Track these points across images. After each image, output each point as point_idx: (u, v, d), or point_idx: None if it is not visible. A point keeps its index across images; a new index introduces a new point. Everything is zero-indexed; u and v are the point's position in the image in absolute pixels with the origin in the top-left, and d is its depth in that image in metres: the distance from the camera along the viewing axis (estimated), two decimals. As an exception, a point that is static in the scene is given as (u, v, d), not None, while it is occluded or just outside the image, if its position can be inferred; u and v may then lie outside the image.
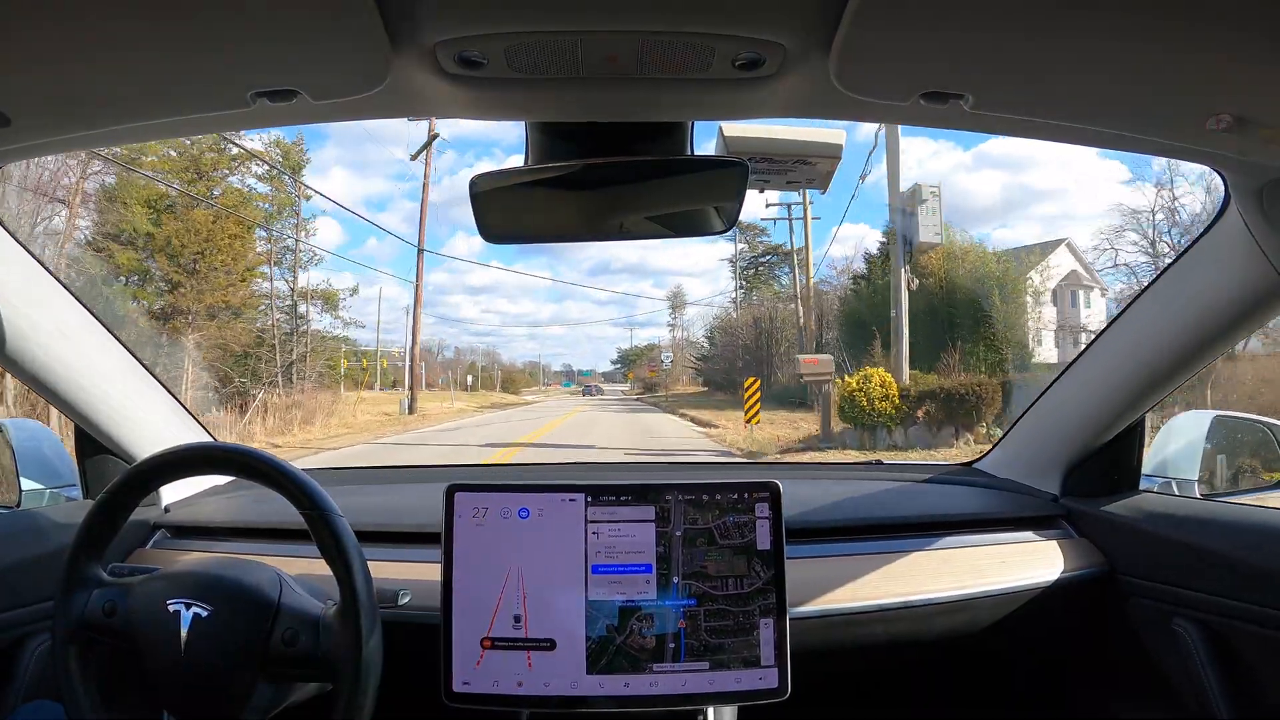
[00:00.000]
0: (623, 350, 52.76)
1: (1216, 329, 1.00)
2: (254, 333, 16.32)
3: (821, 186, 1.23)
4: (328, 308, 19.20)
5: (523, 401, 33.60)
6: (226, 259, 15.52)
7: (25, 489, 1.20)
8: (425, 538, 1.09)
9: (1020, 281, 14.59)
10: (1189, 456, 1.32)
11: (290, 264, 18.05)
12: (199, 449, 0.91)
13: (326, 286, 19.08)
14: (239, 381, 14.90)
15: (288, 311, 17.86)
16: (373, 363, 22.26)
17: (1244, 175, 0.83)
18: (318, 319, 18.98)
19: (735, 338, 24.85)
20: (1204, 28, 0.56)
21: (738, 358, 23.59)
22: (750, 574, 0.97)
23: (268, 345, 16.42)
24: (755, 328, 22.89)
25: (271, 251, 17.56)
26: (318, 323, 19.08)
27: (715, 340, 28.70)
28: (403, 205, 44.00)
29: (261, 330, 16.72)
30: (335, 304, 19.21)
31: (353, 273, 63.69)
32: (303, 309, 18.06)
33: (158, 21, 0.56)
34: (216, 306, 15.32)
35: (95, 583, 0.85)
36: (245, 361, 15.43)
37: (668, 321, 39.63)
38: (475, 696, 0.94)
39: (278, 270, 17.81)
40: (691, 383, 32.89)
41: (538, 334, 71.92)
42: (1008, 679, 1.35)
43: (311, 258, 18.76)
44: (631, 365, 47.05)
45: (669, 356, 36.42)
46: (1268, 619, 0.97)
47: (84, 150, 2.06)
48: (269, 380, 15.47)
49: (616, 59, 0.64)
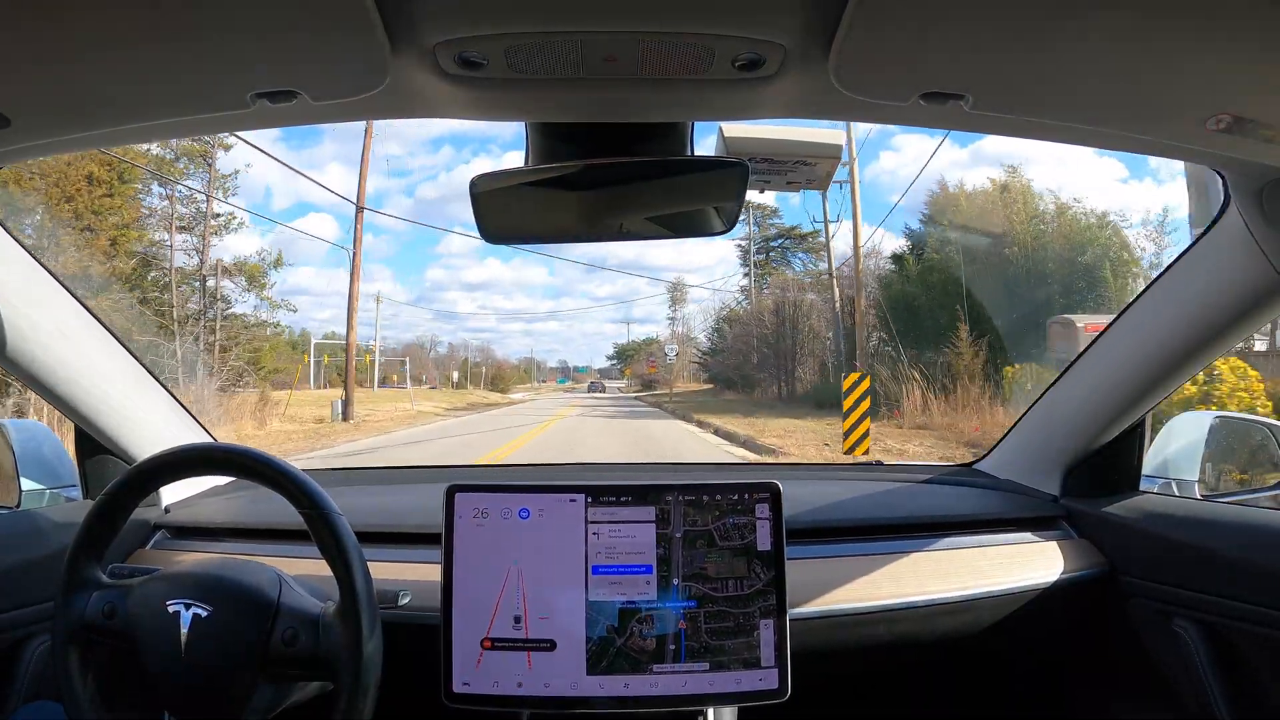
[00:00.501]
0: (619, 345, 49.64)
1: (1216, 329, 1.00)
2: (139, 312, 13.10)
3: (821, 187, 1.23)
4: (253, 286, 15.61)
5: (506, 401, 30.32)
6: (83, 209, 11.81)
7: (25, 489, 1.19)
8: (425, 538, 1.08)
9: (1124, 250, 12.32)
10: (1189, 457, 1.32)
11: (202, 229, 14.42)
12: (198, 449, 0.91)
13: (254, 260, 15.38)
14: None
15: (199, 287, 14.50)
16: (341, 356, 17.65)
17: (1244, 175, 0.83)
18: (240, 300, 15.66)
19: (748, 329, 22.32)
20: (1204, 28, 0.56)
21: (753, 351, 21.41)
22: (750, 576, 0.97)
23: (166, 330, 13.45)
24: (776, 315, 20.36)
25: (172, 210, 14.02)
26: (242, 305, 15.66)
27: (723, 333, 25.89)
28: (400, 202, 43.74)
29: (159, 309, 13.69)
30: (260, 281, 15.58)
31: (298, 243, 61.64)
32: (221, 285, 14.68)
33: (158, 22, 0.56)
34: (71, 275, 11.21)
35: (95, 584, 0.85)
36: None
37: (667, 315, 36.76)
38: (475, 697, 0.94)
39: (190, 238, 14.13)
40: (693, 380, 30.95)
41: (534, 330, 71.64)
42: (1008, 679, 1.35)
43: (229, 222, 15.17)
44: (629, 361, 44.65)
45: (674, 350, 33.42)
46: (1268, 619, 0.97)
47: (84, 151, 2.05)
48: (169, 376, 11.73)
49: (616, 59, 0.64)
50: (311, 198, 66.49)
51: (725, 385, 23.98)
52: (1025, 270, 12.48)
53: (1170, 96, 0.66)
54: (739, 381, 22.29)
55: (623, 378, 45.92)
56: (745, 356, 22.18)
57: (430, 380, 34.11)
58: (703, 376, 29.45)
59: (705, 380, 28.73)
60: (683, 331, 33.70)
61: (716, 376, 26.17)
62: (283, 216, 31.17)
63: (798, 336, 19.23)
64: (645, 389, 35.14)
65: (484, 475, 1.92)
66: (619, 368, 48.52)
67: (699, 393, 26.25)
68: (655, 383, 34.46)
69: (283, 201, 51.70)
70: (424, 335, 37.19)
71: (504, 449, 10.76)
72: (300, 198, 64.50)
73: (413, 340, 35.35)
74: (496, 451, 10.39)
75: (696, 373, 30.88)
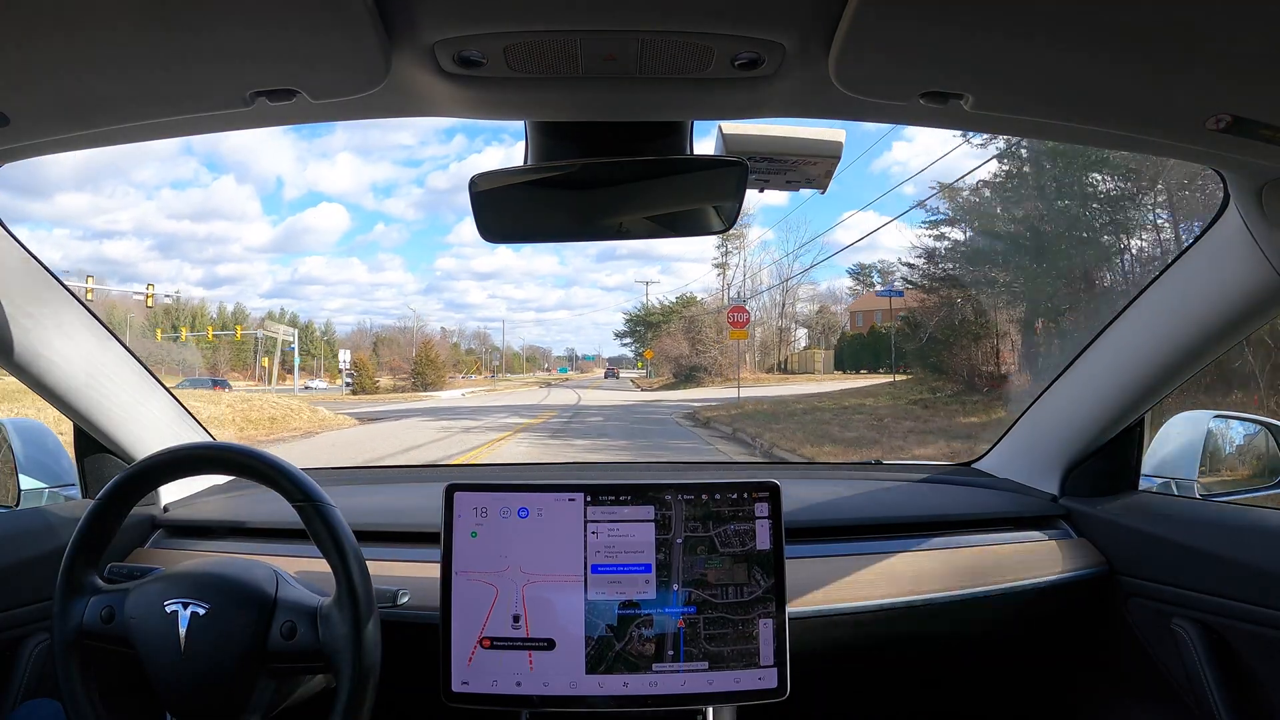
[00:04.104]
0: (633, 315, 30.44)
1: (1216, 329, 1.00)
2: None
3: (821, 186, 1.24)
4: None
5: (417, 399, 19.34)
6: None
7: (24, 488, 1.19)
8: (424, 537, 1.09)
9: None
10: (1188, 456, 1.32)
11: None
12: (196, 449, 0.91)
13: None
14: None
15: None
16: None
17: (1244, 175, 0.83)
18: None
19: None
20: (1204, 27, 0.56)
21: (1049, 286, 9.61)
22: (751, 583, 0.97)
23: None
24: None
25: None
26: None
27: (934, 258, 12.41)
28: (410, 191, 43.26)
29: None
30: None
31: (308, 234, 58.91)
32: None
33: (157, 21, 0.56)
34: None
35: (92, 590, 0.85)
36: None
37: (713, 259, 22.10)
38: (474, 696, 0.94)
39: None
40: (756, 369, 18.35)
41: (544, 319, 71.09)
42: (1007, 679, 1.35)
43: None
44: (648, 340, 27.38)
45: (763, 294, 17.98)
46: (1267, 619, 0.97)
47: (84, 149, 2.07)
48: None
49: (615, 58, 0.64)
50: (321, 187, 66.51)
51: (936, 371, 12.12)
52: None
53: (1170, 96, 0.65)
54: (954, 371, 10.29)
55: (640, 366, 29.39)
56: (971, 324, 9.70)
57: (327, 374, 29.02)
58: (818, 362, 16.70)
59: (819, 367, 16.15)
60: (743, 284, 19.16)
61: (933, 358, 12.45)
62: (294, 206, 31.24)
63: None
64: (683, 381, 20.47)
65: (483, 474, 1.92)
66: (635, 349, 30.67)
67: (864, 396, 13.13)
68: (702, 371, 20.26)
69: (293, 192, 51.03)
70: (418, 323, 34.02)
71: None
72: (310, 187, 64.47)
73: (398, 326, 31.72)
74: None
75: (822, 334, 17.86)
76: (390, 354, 31.09)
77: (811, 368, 22.90)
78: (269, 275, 68.56)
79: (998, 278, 13.02)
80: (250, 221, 67.60)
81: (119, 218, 59.23)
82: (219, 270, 63.61)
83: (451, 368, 32.98)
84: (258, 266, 67.32)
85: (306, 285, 67.59)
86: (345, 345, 35.09)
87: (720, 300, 21.85)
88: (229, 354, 36.54)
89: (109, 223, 59.84)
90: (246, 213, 68.14)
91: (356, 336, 42.80)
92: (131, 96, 0.67)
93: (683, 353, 21.43)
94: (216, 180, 66.85)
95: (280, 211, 69.42)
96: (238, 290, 66.94)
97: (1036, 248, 12.22)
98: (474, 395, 24.25)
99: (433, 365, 27.76)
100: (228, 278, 64.40)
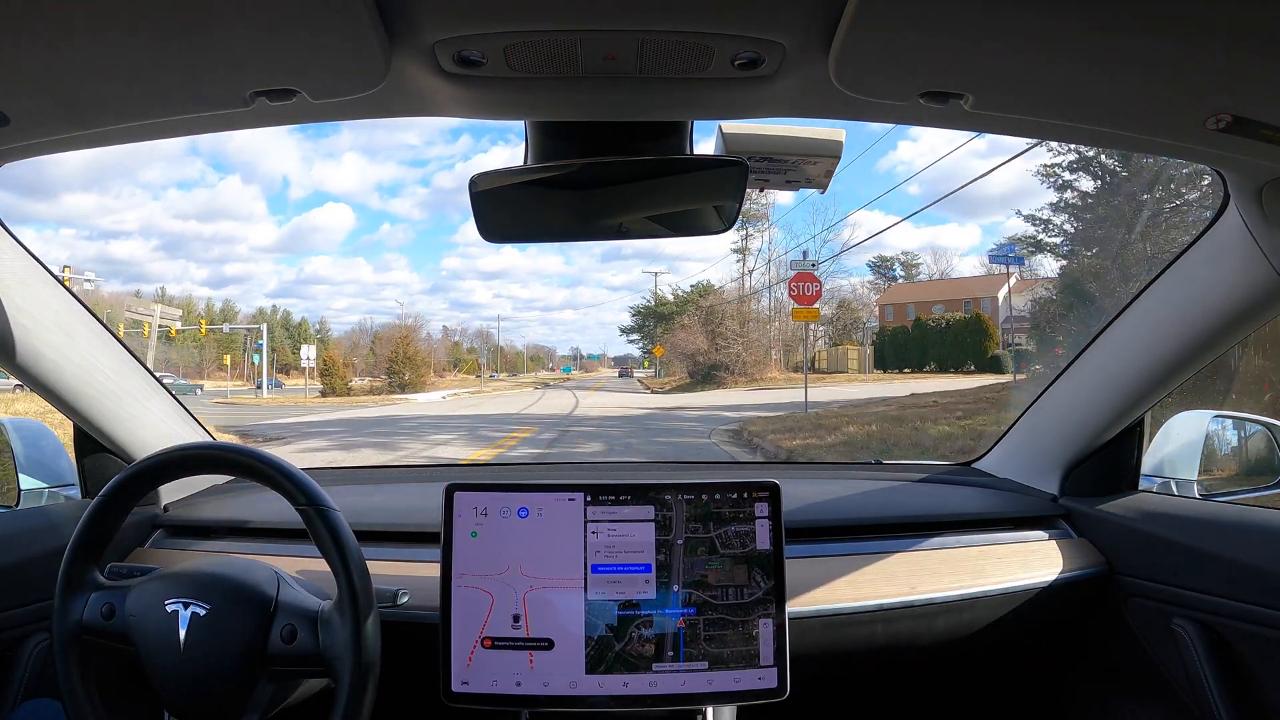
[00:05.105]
0: (641, 308, 28.16)
1: (1216, 329, 1.00)
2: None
3: (821, 186, 1.23)
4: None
5: (389, 402, 17.39)
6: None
7: (24, 488, 1.20)
8: (424, 537, 1.09)
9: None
10: (1188, 456, 1.32)
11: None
12: (196, 448, 0.91)
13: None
14: None
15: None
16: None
17: (1244, 175, 0.83)
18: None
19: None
20: (1204, 28, 0.56)
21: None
22: (751, 584, 0.97)
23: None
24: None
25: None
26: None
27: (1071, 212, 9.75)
28: (415, 191, 43.37)
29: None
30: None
31: (315, 233, 59.17)
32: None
33: (157, 20, 0.56)
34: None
35: (93, 586, 0.85)
36: None
37: (732, 245, 18.64)
38: (474, 696, 0.94)
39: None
40: (779, 367, 15.63)
41: (549, 319, 70.89)
42: (1007, 679, 1.35)
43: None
44: (657, 335, 25.08)
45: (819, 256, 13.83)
46: (1267, 619, 0.97)
47: (84, 149, 2.06)
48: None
49: (615, 58, 0.64)
50: (327, 187, 66.65)
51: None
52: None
53: (1170, 96, 0.65)
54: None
55: (647, 364, 25.94)
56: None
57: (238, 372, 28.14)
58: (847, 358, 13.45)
59: (852, 366, 13.16)
60: (767, 273, 15.53)
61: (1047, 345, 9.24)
62: (299, 206, 31.27)
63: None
64: (701, 382, 17.48)
65: (483, 474, 1.92)
66: (643, 348, 27.77)
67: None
68: (724, 369, 17.18)
69: (299, 192, 51.18)
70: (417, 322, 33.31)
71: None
72: (316, 187, 64.63)
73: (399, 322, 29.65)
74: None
75: (844, 332, 15.17)
76: (388, 351, 30.54)
77: (844, 366, 20.14)
78: (275, 275, 68.62)
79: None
80: (256, 221, 67.80)
81: (125, 218, 59.42)
82: (225, 270, 63.69)
83: (452, 367, 31.55)
84: (264, 266, 67.45)
85: (313, 285, 67.75)
86: (342, 343, 34.60)
87: (741, 289, 18.56)
88: (214, 352, 36.40)
89: (115, 223, 60.02)
90: (253, 213, 68.33)
91: (355, 334, 42.81)
92: (131, 96, 0.67)
93: (699, 348, 18.42)
94: (223, 180, 67.05)
95: (286, 211, 69.60)
96: (244, 290, 66.99)
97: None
98: (456, 399, 21.18)
99: (410, 363, 23.90)
100: (234, 277, 64.56)
